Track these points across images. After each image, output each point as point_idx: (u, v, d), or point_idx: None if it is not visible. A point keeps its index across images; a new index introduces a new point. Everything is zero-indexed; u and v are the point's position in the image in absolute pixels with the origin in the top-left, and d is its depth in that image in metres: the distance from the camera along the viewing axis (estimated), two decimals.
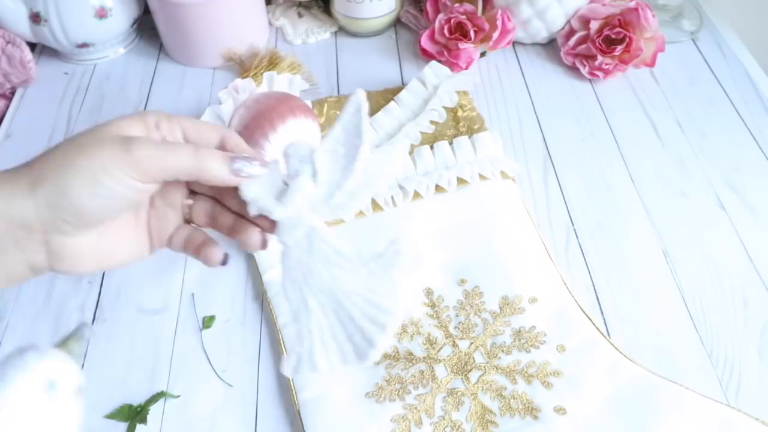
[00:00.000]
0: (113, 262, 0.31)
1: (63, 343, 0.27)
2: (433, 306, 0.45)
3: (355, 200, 0.29)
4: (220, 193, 0.32)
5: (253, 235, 0.31)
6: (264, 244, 0.31)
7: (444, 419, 0.39)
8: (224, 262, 0.32)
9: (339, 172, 0.29)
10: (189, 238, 0.33)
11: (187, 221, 0.33)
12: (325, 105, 0.58)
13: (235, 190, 0.30)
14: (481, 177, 0.51)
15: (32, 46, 0.68)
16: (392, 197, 0.50)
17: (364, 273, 0.28)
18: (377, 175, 0.29)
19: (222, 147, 0.30)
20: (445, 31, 0.62)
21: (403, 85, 0.61)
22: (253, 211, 0.29)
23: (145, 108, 0.62)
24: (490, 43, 0.63)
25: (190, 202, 0.33)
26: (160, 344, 0.44)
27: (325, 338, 0.28)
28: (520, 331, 0.43)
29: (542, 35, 0.66)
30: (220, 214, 0.32)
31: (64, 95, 0.64)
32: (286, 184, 0.30)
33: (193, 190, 0.33)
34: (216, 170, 0.28)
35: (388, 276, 0.28)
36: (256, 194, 0.29)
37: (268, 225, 0.30)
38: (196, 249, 0.32)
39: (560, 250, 0.49)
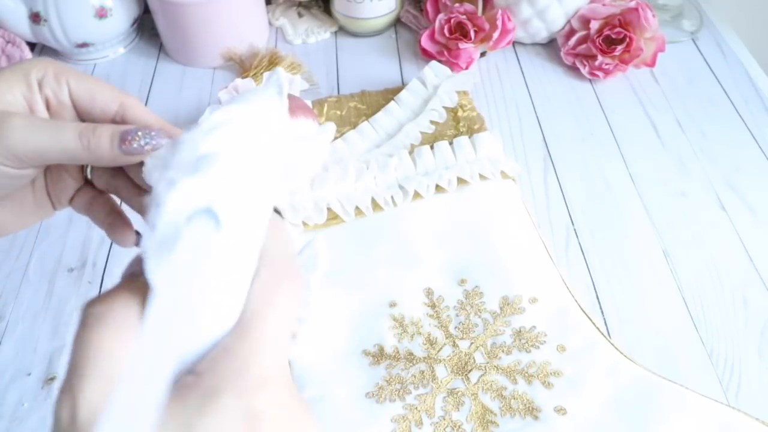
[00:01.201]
0: (15, 229, 0.28)
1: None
2: (433, 306, 0.45)
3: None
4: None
5: None
6: None
7: (444, 419, 0.39)
8: (138, 243, 0.27)
9: None
10: (91, 204, 0.29)
11: (89, 182, 0.29)
12: (325, 105, 0.58)
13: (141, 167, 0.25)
14: (481, 177, 0.51)
15: (32, 46, 0.68)
16: (392, 197, 0.50)
17: None
18: (298, 167, 0.26)
19: (121, 118, 0.26)
20: (445, 31, 0.62)
21: (403, 85, 0.61)
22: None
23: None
24: (490, 43, 0.63)
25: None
26: None
27: None
28: (520, 331, 0.43)
29: (542, 35, 0.66)
30: (124, 187, 0.28)
31: None
32: None
33: None
34: (105, 151, 0.24)
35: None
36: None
37: None
38: (105, 222, 0.28)
39: (560, 250, 0.49)
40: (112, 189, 0.29)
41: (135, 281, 0.19)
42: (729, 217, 0.51)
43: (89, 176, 0.29)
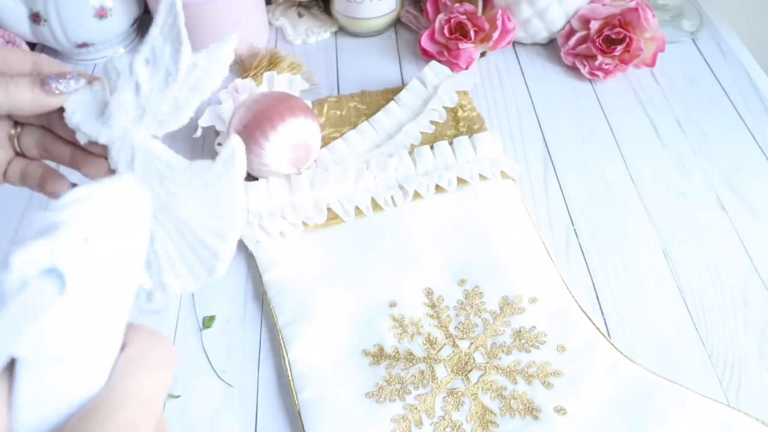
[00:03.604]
0: None
1: None
2: (433, 306, 0.45)
3: (183, 108, 0.27)
4: (48, 122, 0.29)
5: (100, 166, 0.29)
6: (111, 173, 0.28)
7: (444, 419, 0.39)
8: None
9: (162, 80, 0.27)
10: (25, 171, 0.30)
11: (19, 153, 0.30)
12: (325, 105, 0.58)
13: (63, 117, 0.27)
14: (481, 177, 0.51)
15: (32, 46, 0.68)
16: (392, 197, 0.50)
17: (200, 183, 0.26)
18: (205, 78, 0.27)
19: (37, 73, 0.27)
20: (445, 31, 0.62)
21: (403, 85, 0.61)
22: (81, 139, 0.27)
23: None
24: (490, 43, 0.63)
25: (16, 132, 0.29)
26: None
27: (171, 257, 0.26)
28: (520, 331, 0.43)
29: (542, 35, 0.66)
30: (53, 145, 0.29)
31: None
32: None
33: (17, 121, 0.30)
34: (25, 95, 0.26)
35: (225, 183, 0.26)
36: (80, 119, 0.27)
37: (102, 151, 0.27)
38: (39, 184, 0.30)
39: (560, 250, 0.49)
40: (43, 152, 0.29)
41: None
42: (729, 217, 0.51)
43: (18, 148, 0.29)
